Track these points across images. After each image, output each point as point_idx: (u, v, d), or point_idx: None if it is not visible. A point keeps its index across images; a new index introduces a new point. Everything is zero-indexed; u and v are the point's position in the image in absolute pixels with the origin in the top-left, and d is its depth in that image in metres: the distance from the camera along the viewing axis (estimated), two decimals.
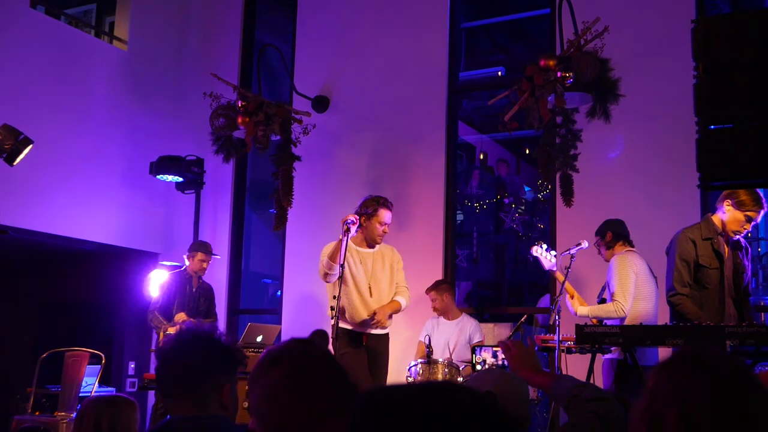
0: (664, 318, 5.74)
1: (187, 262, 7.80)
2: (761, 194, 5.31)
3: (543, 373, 2.66)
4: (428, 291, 7.44)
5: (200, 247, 7.86)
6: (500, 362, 6.13)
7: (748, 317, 5.22)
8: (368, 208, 6.49)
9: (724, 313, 5.20)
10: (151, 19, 9.51)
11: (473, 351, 6.55)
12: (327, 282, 6.34)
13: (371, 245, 6.62)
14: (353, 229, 6.23)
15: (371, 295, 6.24)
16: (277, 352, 1.89)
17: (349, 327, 6.36)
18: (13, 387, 8.33)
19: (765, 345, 4.35)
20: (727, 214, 5.32)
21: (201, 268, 7.78)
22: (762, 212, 5.32)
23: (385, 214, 6.49)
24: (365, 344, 6.31)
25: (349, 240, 6.16)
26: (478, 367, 6.27)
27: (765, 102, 3.21)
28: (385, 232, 6.52)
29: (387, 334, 6.57)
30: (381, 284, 6.46)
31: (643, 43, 7.30)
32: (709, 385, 1.64)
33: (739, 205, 5.26)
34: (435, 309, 7.40)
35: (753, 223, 5.34)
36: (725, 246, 5.37)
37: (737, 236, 5.37)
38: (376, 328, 6.43)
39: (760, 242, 10.65)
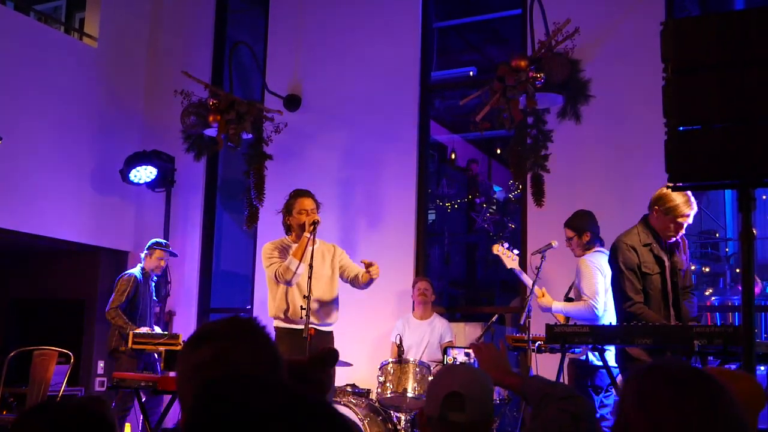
0: None
1: (146, 261, 7.95)
2: (690, 196, 5.04)
3: (513, 374, 2.70)
4: (421, 280, 7.48)
5: (158, 245, 8.00)
6: (472, 361, 6.11)
7: (684, 317, 5.11)
8: (287, 206, 6.19)
9: (670, 317, 5.08)
10: (121, 16, 9.43)
11: (445, 352, 6.56)
12: (290, 284, 6.04)
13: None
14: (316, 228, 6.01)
15: (311, 291, 5.76)
16: (208, 330, 1.81)
17: (289, 326, 6.09)
18: None
19: (732, 344, 4.37)
20: (657, 220, 5.13)
21: (158, 266, 7.99)
22: (692, 214, 5.08)
23: (299, 202, 6.12)
24: (309, 343, 5.84)
25: (312, 240, 5.91)
26: None
27: (733, 104, 3.24)
28: (311, 217, 6.02)
29: (331, 332, 6.24)
30: (321, 280, 6.09)
31: (613, 45, 7.36)
32: (680, 397, 1.64)
33: (666, 212, 5.06)
34: (423, 297, 7.40)
35: (687, 224, 5.11)
36: (664, 250, 5.19)
37: (673, 239, 5.18)
38: (322, 321, 6.05)
39: (728, 242, 10.77)
